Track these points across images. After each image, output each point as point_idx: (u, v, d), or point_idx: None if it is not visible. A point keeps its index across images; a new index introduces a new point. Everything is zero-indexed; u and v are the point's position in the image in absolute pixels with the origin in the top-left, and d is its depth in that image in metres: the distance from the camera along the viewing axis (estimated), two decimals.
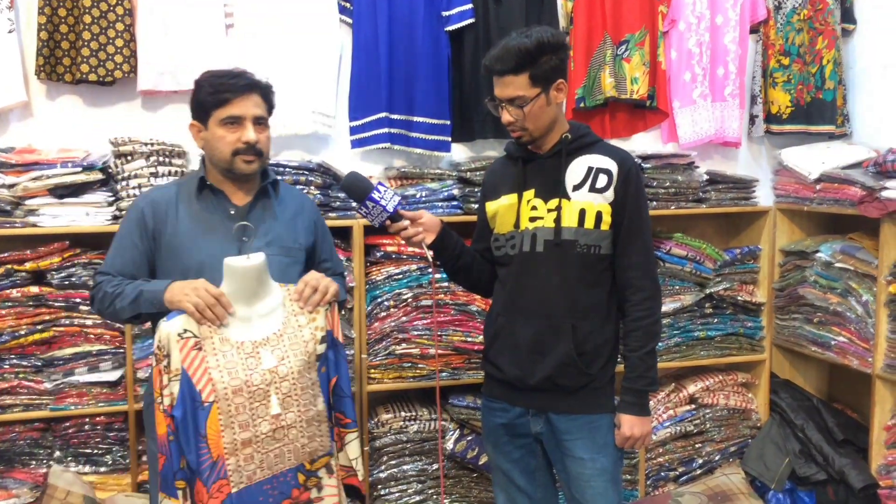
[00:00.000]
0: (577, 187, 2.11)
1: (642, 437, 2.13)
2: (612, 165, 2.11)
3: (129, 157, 2.80)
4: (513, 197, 2.18)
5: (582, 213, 2.09)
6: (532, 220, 2.13)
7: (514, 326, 2.15)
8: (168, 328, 1.83)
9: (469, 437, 3.10)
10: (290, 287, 1.98)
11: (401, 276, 3.03)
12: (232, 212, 2.07)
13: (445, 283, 3.04)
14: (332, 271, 2.24)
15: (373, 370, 3.03)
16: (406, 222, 2.13)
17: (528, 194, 2.15)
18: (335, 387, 2.00)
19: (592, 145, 2.16)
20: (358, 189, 2.10)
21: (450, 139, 3.17)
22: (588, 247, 2.10)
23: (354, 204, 2.13)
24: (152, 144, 2.80)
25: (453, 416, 3.09)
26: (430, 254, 2.18)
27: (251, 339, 1.88)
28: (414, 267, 3.04)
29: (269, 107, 2.09)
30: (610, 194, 2.09)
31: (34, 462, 2.79)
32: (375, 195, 2.08)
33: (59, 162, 2.71)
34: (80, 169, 2.72)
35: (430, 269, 3.05)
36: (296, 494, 1.91)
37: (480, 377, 3.07)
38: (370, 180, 2.12)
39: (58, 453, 2.80)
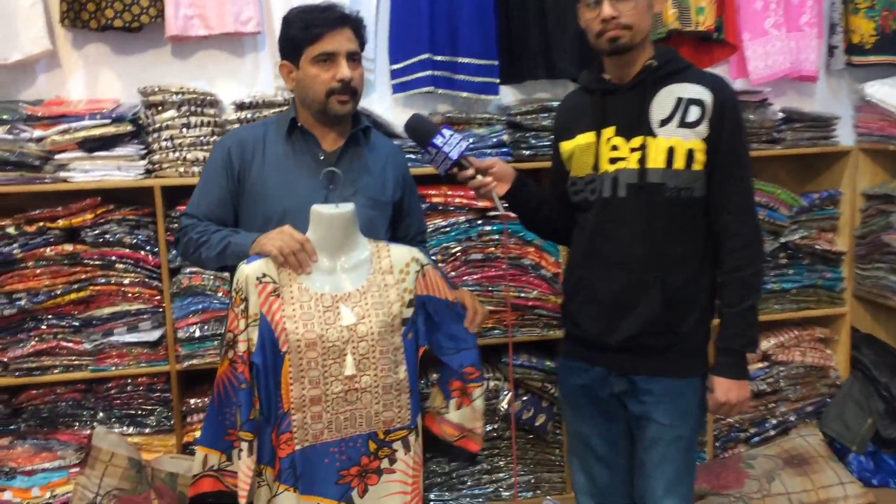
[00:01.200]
0: (664, 122, 1.86)
1: (739, 403, 1.89)
2: (706, 95, 1.86)
3: (159, 108, 2.67)
4: (590, 135, 1.94)
5: (670, 151, 1.85)
6: (612, 161, 1.90)
7: (595, 279, 1.94)
8: (247, 270, 1.72)
9: (525, 398, 2.93)
10: (380, 244, 1.85)
11: (448, 229, 2.85)
12: (321, 157, 1.94)
13: (496, 236, 2.85)
14: (416, 229, 2.14)
15: None
16: (472, 170, 1.92)
17: (608, 132, 1.91)
18: (451, 342, 1.87)
19: (681, 72, 1.90)
20: (420, 133, 1.93)
21: (497, 81, 2.95)
22: (678, 190, 1.86)
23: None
24: (183, 93, 2.66)
25: (507, 375, 2.92)
26: (500, 205, 1.96)
27: (332, 293, 1.75)
28: (462, 219, 2.86)
29: (361, 42, 1.94)
30: (703, 129, 1.85)
31: (77, 424, 2.72)
32: (438, 140, 1.89)
33: (88, 114, 2.59)
34: (108, 121, 2.60)
35: (479, 221, 2.86)
36: (365, 462, 1.79)
37: (535, 335, 2.90)
38: (434, 124, 1.95)
39: (101, 414, 2.73)
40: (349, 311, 1.75)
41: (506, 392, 2.92)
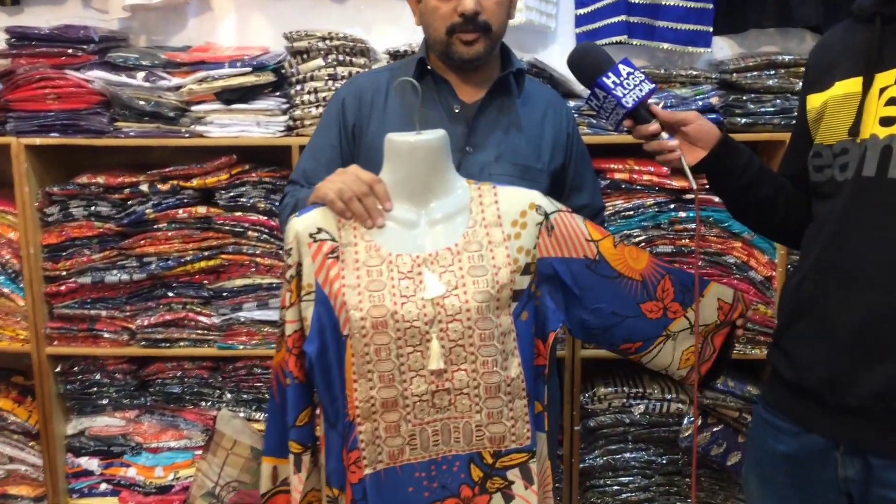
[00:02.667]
0: None
1: None
2: None
3: (304, 56, 2.33)
4: (853, 83, 1.30)
5: None
6: (886, 122, 1.24)
7: (831, 301, 1.29)
8: (298, 226, 1.32)
9: (716, 429, 2.35)
10: (484, 186, 1.38)
11: (632, 213, 2.31)
12: (456, 109, 1.55)
13: (690, 224, 2.28)
14: (589, 209, 1.66)
15: None
16: (655, 125, 1.39)
17: (885, 77, 1.26)
18: (600, 318, 1.42)
19: None
20: (586, 67, 1.41)
21: (710, 29, 2.34)
22: None
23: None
24: (331, 39, 2.30)
25: (692, 397, 2.35)
26: (693, 179, 1.39)
27: (412, 253, 1.31)
28: (650, 202, 2.31)
29: None
30: None
31: (204, 402, 2.50)
32: (608, 79, 1.36)
33: (228, 61, 2.31)
34: (249, 69, 2.29)
35: (672, 206, 2.30)
36: (467, 495, 1.33)
37: (735, 353, 2.31)
38: (607, 56, 1.42)
39: (228, 395, 2.49)
40: (436, 280, 1.29)
41: (688, 420, 2.35)
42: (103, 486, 2.52)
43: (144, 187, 2.35)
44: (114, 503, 2.50)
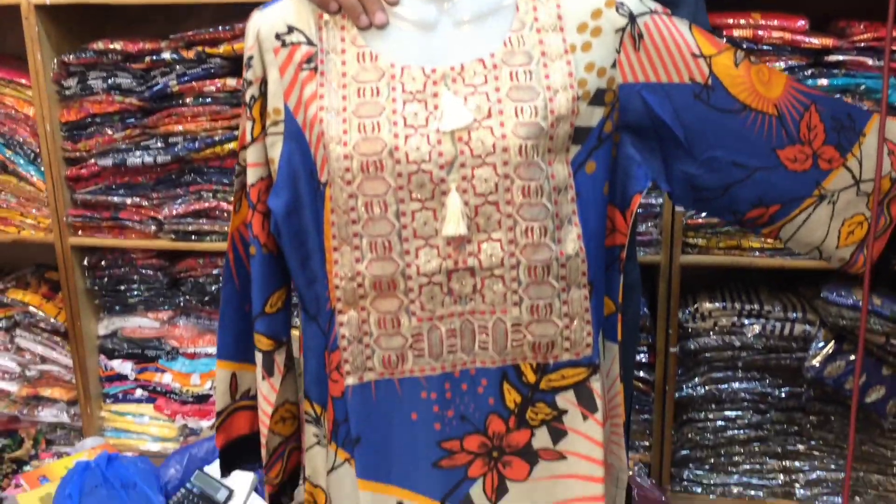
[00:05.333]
0: None
1: None
2: None
3: None
4: None
5: None
6: None
7: None
8: (261, 21, 0.94)
9: (853, 357, 1.86)
10: None
11: None
12: None
13: (838, 95, 1.75)
14: None
15: (692, 233, 1.91)
16: None
17: None
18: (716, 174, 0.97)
19: None
20: None
21: None
22: None
23: None
24: None
25: (825, 317, 1.86)
26: None
27: (425, 65, 0.91)
28: (781, 65, 1.79)
29: None
30: None
31: None
32: None
33: None
34: None
35: (810, 71, 1.78)
36: (497, 429, 0.93)
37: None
38: None
39: None
40: (458, 104, 0.88)
41: (821, 344, 1.87)
42: (139, 393, 2.30)
43: (167, 55, 2.03)
44: (149, 410, 2.29)
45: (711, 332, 1.94)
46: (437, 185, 0.88)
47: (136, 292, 2.22)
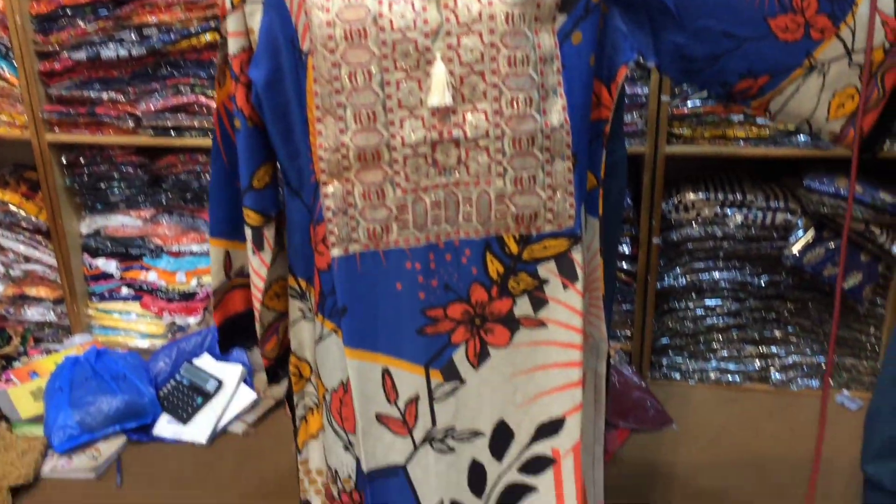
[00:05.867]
0: None
1: None
2: None
3: None
4: None
5: None
6: None
7: None
8: None
9: (832, 244, 1.89)
10: None
11: None
12: None
13: None
14: None
15: (677, 123, 1.89)
16: None
17: None
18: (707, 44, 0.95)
19: None
20: None
21: None
22: None
23: None
24: None
25: (806, 206, 1.88)
26: None
27: None
28: None
29: None
30: None
31: None
32: None
33: None
34: None
35: None
36: (480, 298, 0.95)
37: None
38: None
39: None
40: None
41: (801, 232, 1.89)
42: (125, 291, 2.31)
43: None
44: (136, 308, 2.30)
45: (694, 223, 1.96)
46: (421, 54, 0.86)
47: (116, 190, 2.20)
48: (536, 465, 1.01)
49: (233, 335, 1.15)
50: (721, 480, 1.74)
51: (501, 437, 1.00)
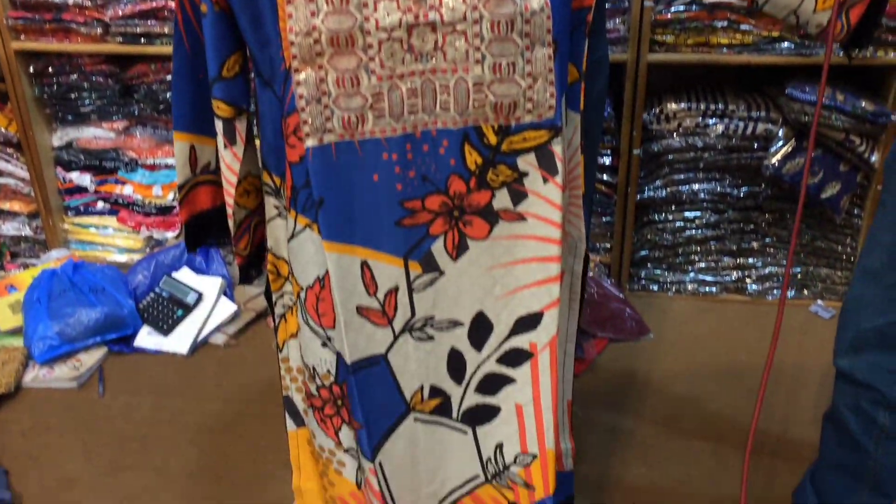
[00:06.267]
0: None
1: None
2: None
3: None
4: None
5: None
6: None
7: None
8: None
9: (812, 154, 1.88)
10: None
11: None
12: None
13: None
14: None
15: (660, 30, 1.86)
16: None
17: None
18: None
19: None
20: None
21: None
22: None
23: None
24: None
25: (787, 115, 1.87)
26: None
27: None
28: None
29: None
30: None
31: None
32: None
33: None
34: None
35: None
36: (458, 189, 0.93)
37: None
38: None
39: None
40: None
41: (781, 142, 1.89)
42: (100, 205, 2.28)
43: None
44: (112, 222, 2.27)
45: (675, 134, 1.95)
46: None
47: (87, 101, 2.15)
48: (514, 357, 1.03)
49: (200, 233, 1.13)
50: (696, 388, 1.78)
51: (480, 328, 1.01)
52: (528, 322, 1.01)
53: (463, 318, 1.00)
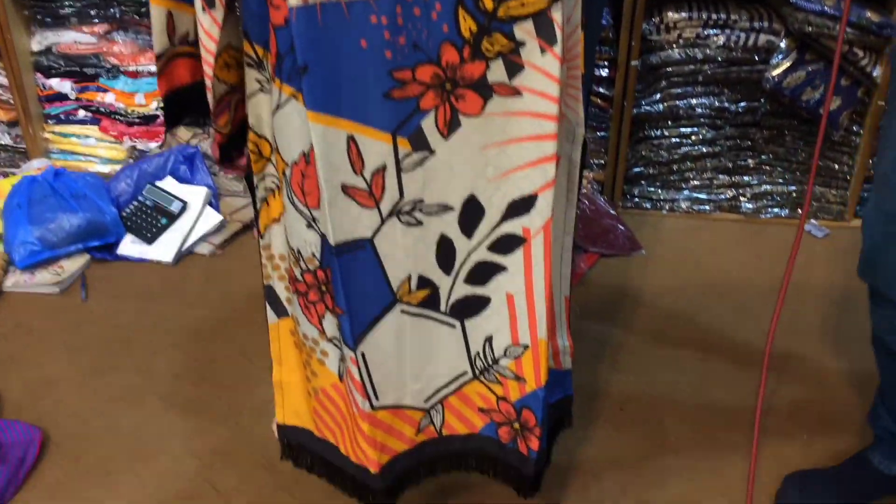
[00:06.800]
0: None
1: None
2: None
3: None
4: None
5: None
6: None
7: None
8: None
9: (812, 67, 1.84)
10: None
11: None
12: None
13: None
14: None
15: None
16: None
17: None
18: None
19: None
20: None
21: None
22: None
23: None
24: None
25: (791, 25, 1.81)
26: None
27: None
28: None
29: None
30: None
31: None
32: None
33: None
34: None
35: None
36: (451, 59, 0.88)
37: None
38: None
39: None
40: None
41: (782, 55, 1.84)
42: (81, 114, 2.21)
43: None
44: (94, 132, 2.21)
45: (675, 45, 1.89)
46: None
47: (66, 2, 2.06)
48: (507, 243, 0.99)
49: (179, 109, 1.08)
50: (686, 302, 1.76)
51: (471, 213, 0.97)
52: (522, 206, 0.97)
53: (453, 202, 0.97)
